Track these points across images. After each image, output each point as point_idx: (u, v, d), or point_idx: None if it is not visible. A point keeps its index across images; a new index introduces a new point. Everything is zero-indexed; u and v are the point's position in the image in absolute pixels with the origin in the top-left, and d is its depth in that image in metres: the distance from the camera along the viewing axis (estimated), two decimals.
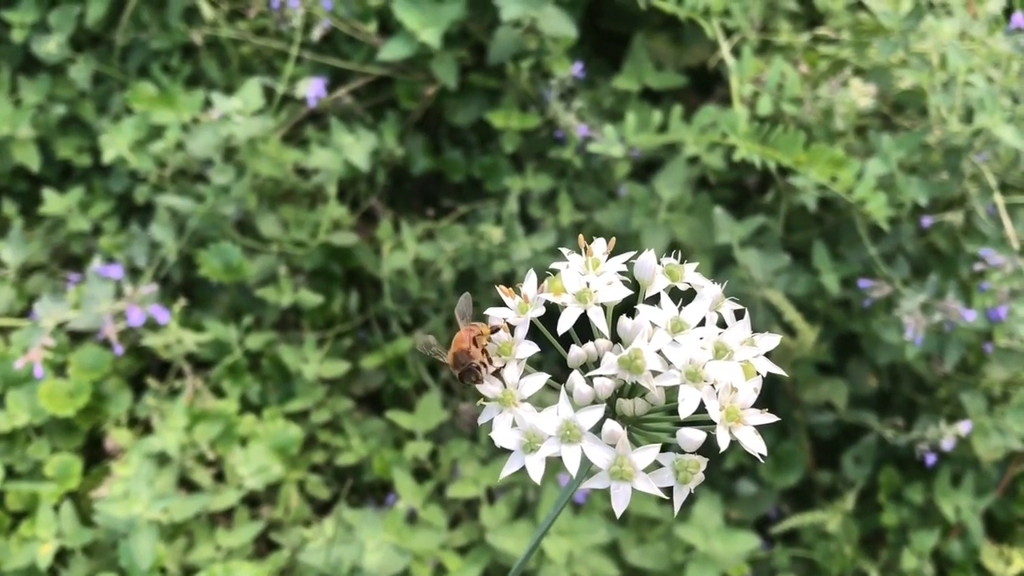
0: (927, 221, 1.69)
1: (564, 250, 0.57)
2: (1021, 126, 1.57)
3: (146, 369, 1.79)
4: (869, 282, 1.69)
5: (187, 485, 1.62)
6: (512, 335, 0.55)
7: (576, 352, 0.54)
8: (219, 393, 1.72)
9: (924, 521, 1.86)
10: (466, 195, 1.99)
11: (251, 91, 1.69)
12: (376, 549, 1.46)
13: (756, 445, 0.50)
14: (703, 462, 0.50)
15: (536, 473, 0.50)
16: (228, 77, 1.91)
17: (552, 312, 0.58)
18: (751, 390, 0.51)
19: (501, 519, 1.62)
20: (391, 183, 2.00)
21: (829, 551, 1.83)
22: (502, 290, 0.57)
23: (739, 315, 0.55)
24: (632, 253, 0.57)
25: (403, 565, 1.49)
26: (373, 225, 1.96)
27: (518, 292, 0.57)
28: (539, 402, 0.54)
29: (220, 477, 1.66)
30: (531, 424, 0.51)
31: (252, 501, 1.71)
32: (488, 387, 0.53)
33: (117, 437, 1.60)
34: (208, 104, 1.74)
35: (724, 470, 1.90)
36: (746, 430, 0.50)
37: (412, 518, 1.64)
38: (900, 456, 1.90)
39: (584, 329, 0.58)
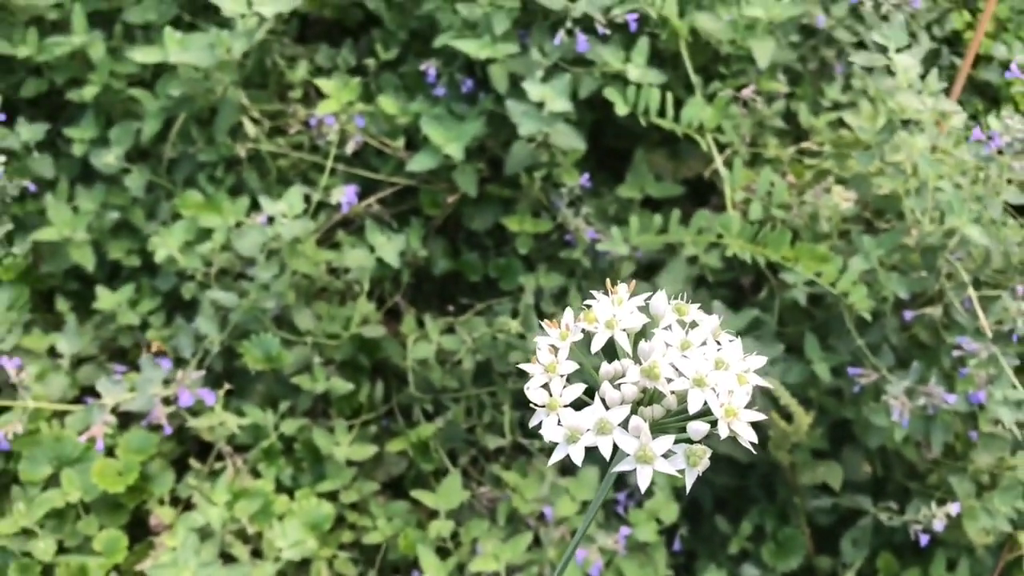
0: (909, 315, 1.84)
1: (594, 292, 0.73)
2: (987, 226, 1.74)
3: (187, 452, 1.91)
4: (858, 370, 1.83)
5: (225, 559, 1.72)
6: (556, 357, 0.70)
7: (606, 368, 0.69)
8: (255, 475, 1.84)
9: None
10: (482, 294, 2.15)
11: (294, 196, 1.87)
12: None
13: (749, 435, 0.64)
14: (708, 451, 0.64)
15: (578, 457, 0.64)
16: (267, 187, 2.10)
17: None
18: (744, 393, 0.65)
19: None
20: (413, 283, 2.17)
21: None
22: (546, 323, 0.72)
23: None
24: (649, 294, 0.73)
25: None
26: (396, 322, 2.11)
27: (559, 325, 0.72)
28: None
29: (256, 554, 1.76)
30: (572, 421, 0.66)
31: None
32: (537, 395, 0.67)
33: (161, 514, 1.72)
34: (255, 207, 1.92)
35: (729, 555, 2.00)
36: (741, 423, 0.64)
37: None
38: (896, 543, 1.99)
39: (613, 358, 0.73)
